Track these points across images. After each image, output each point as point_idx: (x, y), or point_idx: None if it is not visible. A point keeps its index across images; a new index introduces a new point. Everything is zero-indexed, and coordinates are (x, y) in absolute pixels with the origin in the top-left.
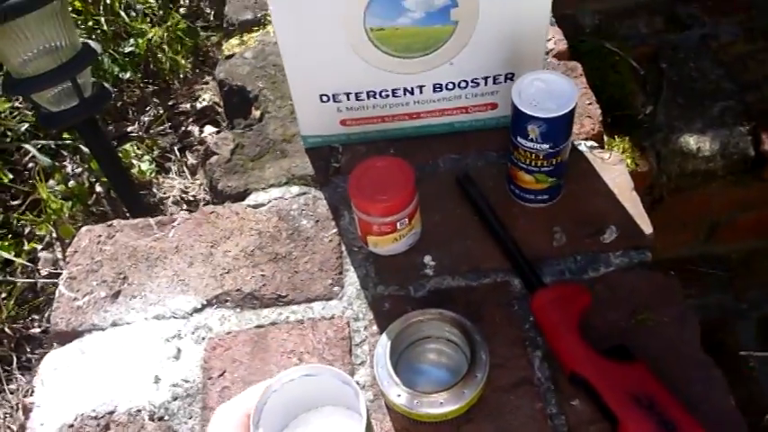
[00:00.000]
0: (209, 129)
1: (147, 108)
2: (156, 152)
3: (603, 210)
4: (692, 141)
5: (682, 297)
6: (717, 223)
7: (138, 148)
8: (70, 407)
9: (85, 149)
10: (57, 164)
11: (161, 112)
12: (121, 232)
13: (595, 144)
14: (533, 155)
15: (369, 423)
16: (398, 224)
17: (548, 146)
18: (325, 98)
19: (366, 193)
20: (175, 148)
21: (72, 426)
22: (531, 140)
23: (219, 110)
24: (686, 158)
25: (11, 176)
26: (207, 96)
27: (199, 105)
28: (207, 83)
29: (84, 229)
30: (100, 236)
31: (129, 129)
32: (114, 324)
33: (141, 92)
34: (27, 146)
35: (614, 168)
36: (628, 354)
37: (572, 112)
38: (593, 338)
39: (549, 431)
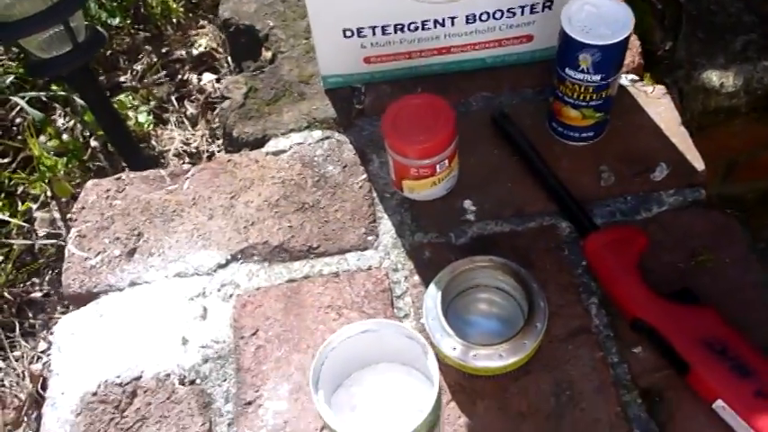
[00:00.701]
0: (207, 76)
1: (140, 56)
2: (152, 103)
3: (651, 146)
4: (714, 77)
5: (743, 237)
6: (735, 162)
7: (134, 99)
8: (92, 374)
9: (78, 101)
10: (48, 118)
11: (154, 60)
12: (131, 185)
13: (636, 78)
14: (582, 87)
15: (440, 392)
16: (438, 167)
17: (599, 77)
18: (348, 33)
19: (402, 133)
20: (173, 97)
21: (95, 394)
22: (582, 71)
23: (218, 56)
24: (709, 95)
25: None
26: (203, 42)
27: (195, 52)
28: (203, 27)
29: (90, 182)
30: (108, 190)
31: (122, 79)
32: (133, 284)
33: (132, 39)
34: (15, 98)
35: (659, 102)
36: (693, 297)
37: (627, 39)
38: (651, 283)
39: (611, 380)
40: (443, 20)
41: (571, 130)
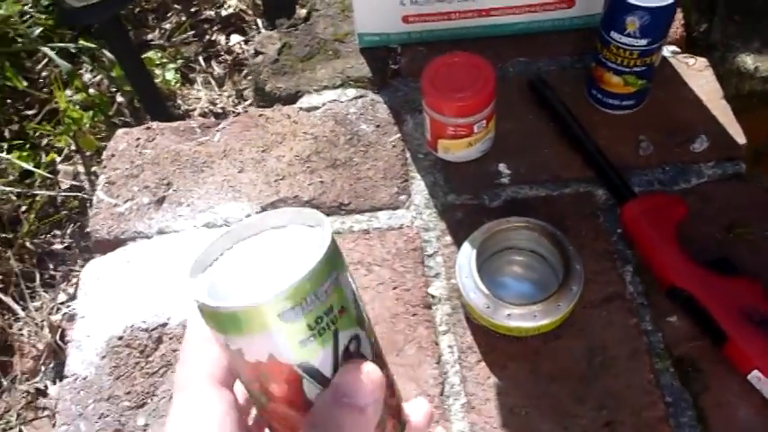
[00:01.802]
0: (235, 37)
1: (169, 15)
2: (179, 62)
3: (692, 118)
4: (749, 61)
5: None
6: (763, 150)
7: (162, 57)
8: (117, 318)
9: (107, 56)
10: (75, 71)
11: (183, 19)
12: (162, 135)
13: (678, 49)
14: (627, 52)
15: (333, 244)
16: (476, 126)
17: (645, 41)
18: None
19: (442, 90)
20: (200, 57)
21: (121, 338)
22: (629, 35)
23: (247, 18)
24: (743, 78)
25: (25, 84)
26: (233, 3)
27: (224, 13)
28: None
29: (120, 131)
30: (138, 139)
31: (150, 37)
32: (161, 232)
33: None
34: (44, 49)
35: (701, 75)
36: (732, 267)
37: (676, 4)
38: (689, 252)
39: (644, 348)
40: None
41: (611, 98)
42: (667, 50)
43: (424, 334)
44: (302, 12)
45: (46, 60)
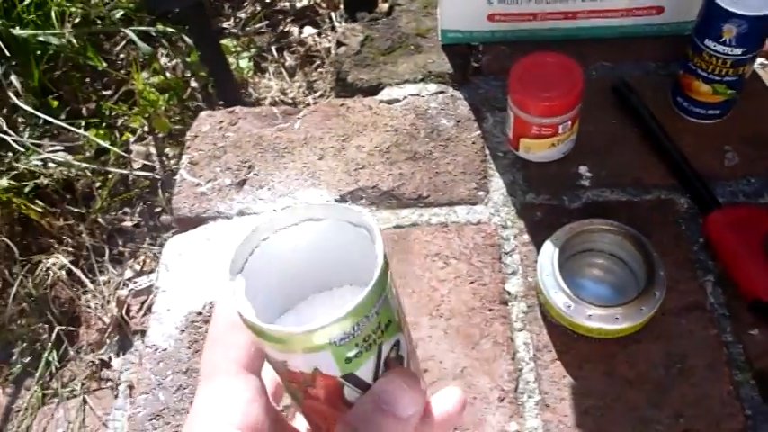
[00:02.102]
0: (308, 30)
1: (244, 4)
2: (252, 51)
3: None
4: None
5: None
6: None
7: (236, 45)
8: (197, 294)
9: (186, 41)
10: (155, 53)
11: (258, 9)
12: (244, 119)
13: (766, 61)
14: (720, 61)
15: (385, 265)
16: (561, 127)
17: (740, 51)
18: None
19: (529, 89)
20: (272, 47)
21: (200, 313)
22: (723, 43)
23: (320, 11)
24: None
25: (105, 65)
26: None
27: (298, 5)
28: None
29: (203, 113)
30: (222, 122)
31: (225, 25)
32: (241, 213)
33: None
34: (127, 31)
35: None
36: None
37: None
38: None
39: (724, 359)
40: None
41: (698, 106)
42: (756, 63)
43: (500, 330)
44: (384, 6)
45: (123, 43)
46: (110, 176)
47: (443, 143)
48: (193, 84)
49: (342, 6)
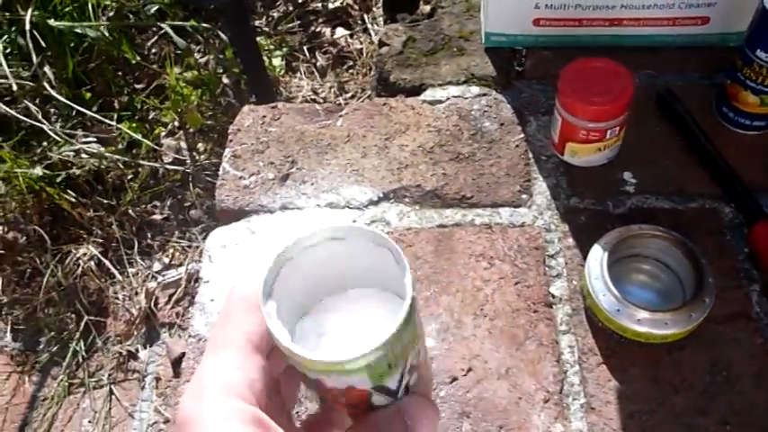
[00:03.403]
0: (340, 31)
1: (277, 3)
2: (284, 50)
3: None
4: None
5: None
6: None
7: (269, 44)
8: None
9: (221, 37)
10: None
11: (290, 9)
12: (287, 115)
13: None
14: None
15: (413, 303)
16: (608, 132)
17: None
18: None
19: (579, 93)
20: (304, 47)
21: None
22: None
23: (353, 13)
24: None
25: (138, 59)
26: None
27: (330, 6)
28: None
29: (246, 107)
30: (264, 116)
31: (257, 23)
32: (284, 207)
33: None
34: (163, 25)
35: None
36: None
37: None
38: None
39: None
40: None
41: (743, 117)
42: None
43: (545, 332)
44: (426, 8)
45: (156, 37)
46: (141, 169)
47: (487, 145)
48: (225, 80)
49: (375, 8)
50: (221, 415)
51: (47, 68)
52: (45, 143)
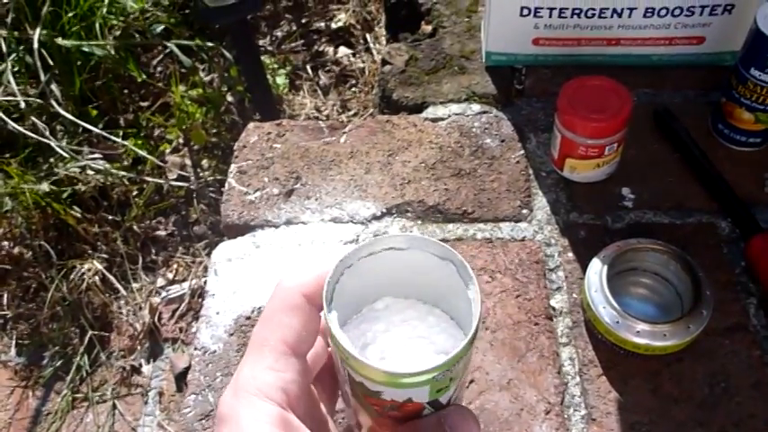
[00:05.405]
0: (343, 50)
1: (281, 23)
2: (287, 68)
3: None
4: None
5: None
6: None
7: (273, 62)
8: (246, 299)
9: (226, 55)
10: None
11: (294, 28)
12: (291, 132)
13: None
14: (764, 90)
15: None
16: (607, 149)
17: None
18: (525, 11)
19: (578, 110)
20: (307, 66)
21: (249, 318)
22: None
23: (355, 33)
24: None
25: (144, 77)
26: (343, 17)
27: (333, 26)
28: (343, 2)
29: (251, 124)
30: (269, 133)
31: (261, 42)
32: (288, 222)
33: (274, 6)
34: (170, 44)
35: None
36: None
37: None
38: None
39: None
40: (622, 10)
41: (739, 134)
42: None
43: (546, 344)
44: (428, 28)
45: (161, 56)
46: (145, 186)
47: (488, 161)
48: (229, 98)
49: (377, 28)
50: (252, 416)
51: (54, 86)
52: (51, 159)
